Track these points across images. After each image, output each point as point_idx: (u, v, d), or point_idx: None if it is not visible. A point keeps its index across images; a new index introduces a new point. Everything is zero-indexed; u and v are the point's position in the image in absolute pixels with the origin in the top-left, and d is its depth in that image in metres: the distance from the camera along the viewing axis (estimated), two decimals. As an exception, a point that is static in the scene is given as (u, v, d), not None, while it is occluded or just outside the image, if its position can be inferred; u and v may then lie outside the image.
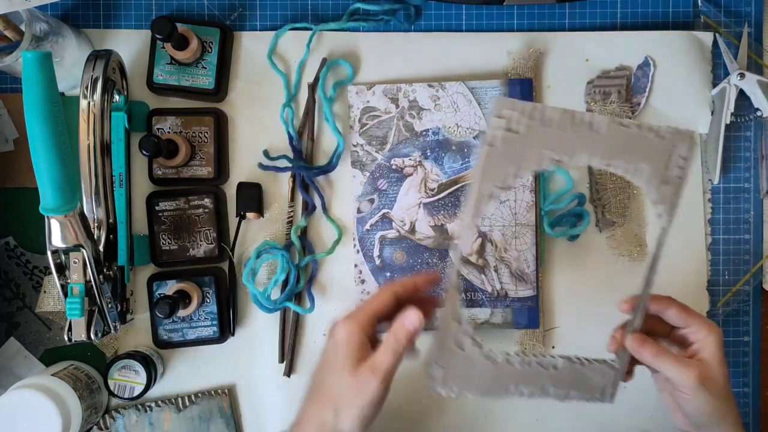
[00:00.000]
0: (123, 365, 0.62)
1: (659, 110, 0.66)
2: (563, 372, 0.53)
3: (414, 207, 0.64)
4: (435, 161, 0.64)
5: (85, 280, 0.55)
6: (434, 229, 0.64)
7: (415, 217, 0.64)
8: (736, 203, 0.67)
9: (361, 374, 0.49)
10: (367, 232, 0.65)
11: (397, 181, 0.64)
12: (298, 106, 0.66)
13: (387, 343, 0.50)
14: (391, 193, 0.64)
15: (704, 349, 0.52)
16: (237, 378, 0.66)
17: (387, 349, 0.49)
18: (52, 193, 0.50)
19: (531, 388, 0.53)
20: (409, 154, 0.64)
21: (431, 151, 0.64)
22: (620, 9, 0.67)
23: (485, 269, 0.64)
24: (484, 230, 0.64)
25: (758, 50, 0.67)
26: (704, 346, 0.52)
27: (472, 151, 0.64)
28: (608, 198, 0.66)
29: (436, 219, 0.64)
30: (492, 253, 0.64)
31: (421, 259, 0.64)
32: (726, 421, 0.52)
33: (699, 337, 0.52)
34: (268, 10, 0.67)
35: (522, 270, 0.64)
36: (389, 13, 0.66)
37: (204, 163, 0.64)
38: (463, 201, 0.64)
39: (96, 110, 0.57)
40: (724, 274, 0.67)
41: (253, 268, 0.64)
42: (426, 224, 0.64)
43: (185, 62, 0.63)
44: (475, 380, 0.52)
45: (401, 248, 0.64)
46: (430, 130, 0.64)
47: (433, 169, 0.64)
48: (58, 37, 0.59)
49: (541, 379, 0.53)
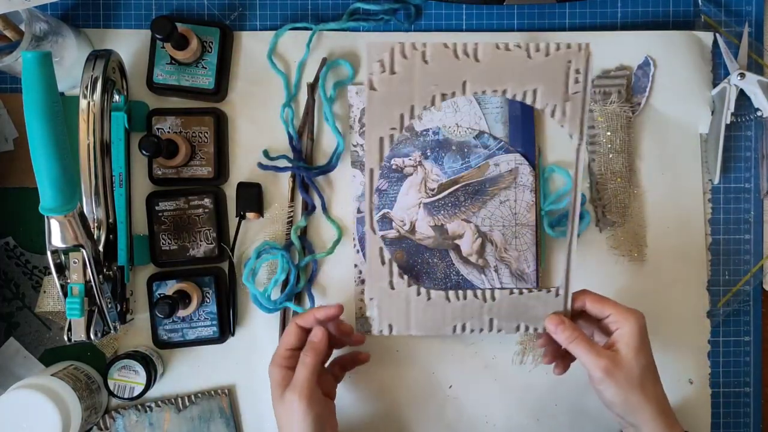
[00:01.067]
0: (123, 365, 0.62)
1: (659, 110, 0.66)
2: (503, 304, 0.53)
3: (414, 207, 0.64)
4: (435, 161, 0.64)
5: (85, 280, 0.55)
6: (434, 229, 0.64)
7: (415, 217, 0.64)
8: (736, 203, 0.67)
9: (285, 397, 0.54)
10: (367, 232, 0.64)
11: (397, 181, 0.64)
12: (298, 106, 0.66)
13: (299, 361, 0.55)
14: (391, 193, 0.64)
15: (620, 338, 0.52)
16: (237, 378, 0.66)
17: (299, 366, 0.55)
18: (52, 193, 0.50)
19: (474, 323, 0.53)
20: (409, 154, 0.64)
21: (431, 151, 0.64)
22: (620, 9, 0.67)
23: (485, 269, 0.64)
24: (484, 230, 0.64)
25: (758, 50, 0.67)
26: (620, 335, 0.52)
27: (473, 152, 0.64)
28: (608, 198, 0.66)
29: (436, 219, 0.64)
30: (492, 252, 0.64)
31: (421, 258, 0.64)
32: (640, 412, 0.52)
33: (617, 327, 0.53)
34: (268, 10, 0.67)
35: (522, 270, 0.64)
36: (389, 13, 0.66)
37: (204, 163, 0.64)
38: (463, 201, 0.64)
39: (96, 110, 0.57)
40: (724, 274, 0.67)
41: (253, 268, 0.64)
42: (426, 224, 0.64)
43: (185, 62, 0.63)
44: (413, 319, 0.53)
45: (401, 248, 0.64)
46: (430, 130, 0.64)
47: (433, 169, 0.64)
48: (58, 37, 0.59)
49: (482, 313, 0.53)
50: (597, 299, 0.55)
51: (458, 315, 0.53)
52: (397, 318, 0.53)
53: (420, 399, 0.66)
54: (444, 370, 0.66)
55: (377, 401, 0.66)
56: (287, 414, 0.54)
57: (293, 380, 0.55)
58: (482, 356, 0.66)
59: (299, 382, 0.54)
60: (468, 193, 0.64)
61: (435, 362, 0.66)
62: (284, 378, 0.55)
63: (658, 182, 0.66)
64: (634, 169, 0.66)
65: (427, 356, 0.66)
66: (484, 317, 0.53)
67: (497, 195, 0.64)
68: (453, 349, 0.66)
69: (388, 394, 0.66)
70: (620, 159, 0.66)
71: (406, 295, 0.53)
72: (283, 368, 0.56)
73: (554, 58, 0.49)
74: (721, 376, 0.67)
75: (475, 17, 0.67)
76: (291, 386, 0.54)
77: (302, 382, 0.54)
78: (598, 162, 0.66)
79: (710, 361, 0.67)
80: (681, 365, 0.66)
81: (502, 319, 0.54)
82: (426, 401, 0.66)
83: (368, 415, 0.66)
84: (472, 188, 0.64)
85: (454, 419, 0.66)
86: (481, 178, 0.64)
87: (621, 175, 0.66)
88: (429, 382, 0.66)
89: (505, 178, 0.64)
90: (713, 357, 0.67)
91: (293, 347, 0.57)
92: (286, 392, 0.54)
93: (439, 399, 0.66)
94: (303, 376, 0.54)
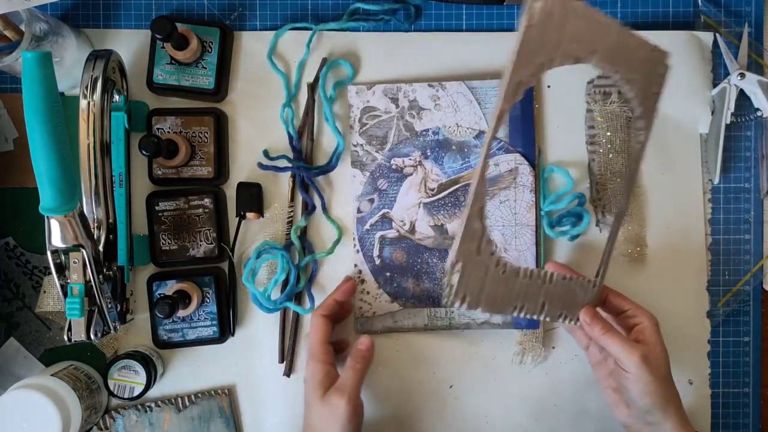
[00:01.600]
0: (123, 365, 0.62)
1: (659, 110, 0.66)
2: (556, 286, 0.54)
3: (414, 207, 0.64)
4: (435, 161, 0.64)
5: (85, 280, 0.55)
6: (434, 229, 0.64)
7: (414, 217, 0.64)
8: (736, 203, 0.67)
9: (330, 399, 0.54)
10: (367, 232, 0.64)
11: (397, 181, 0.64)
12: (298, 106, 0.66)
13: (348, 366, 0.56)
14: (391, 193, 0.64)
15: (645, 330, 0.54)
16: (237, 378, 0.66)
17: (347, 370, 0.56)
18: (52, 193, 0.50)
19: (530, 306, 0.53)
20: (409, 154, 0.64)
21: (431, 151, 0.64)
22: (620, 9, 0.67)
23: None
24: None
25: (758, 50, 0.67)
26: (645, 327, 0.54)
27: (473, 152, 0.64)
28: (608, 198, 0.66)
29: (435, 219, 0.64)
30: (492, 253, 0.64)
31: (421, 258, 0.64)
32: (670, 404, 0.53)
33: (639, 321, 0.55)
34: (268, 10, 0.67)
35: (522, 270, 0.64)
36: (389, 13, 0.66)
37: (204, 163, 0.64)
38: (463, 201, 0.64)
39: (96, 110, 0.57)
40: (724, 274, 0.67)
41: (253, 268, 0.64)
42: (426, 224, 0.64)
43: (185, 62, 0.63)
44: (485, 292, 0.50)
45: (401, 248, 0.64)
46: (430, 130, 0.64)
47: (433, 169, 0.64)
48: (58, 37, 0.59)
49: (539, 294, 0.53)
50: (617, 294, 0.57)
51: (522, 294, 0.52)
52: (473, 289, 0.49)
53: (420, 399, 0.66)
54: (444, 370, 0.66)
55: (377, 401, 0.66)
56: (329, 416, 0.54)
57: (341, 383, 0.55)
58: (482, 356, 0.66)
59: (349, 387, 0.54)
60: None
61: (435, 362, 0.66)
62: (327, 376, 0.56)
63: (658, 182, 0.66)
64: (634, 169, 0.66)
65: (427, 356, 0.66)
66: (539, 299, 0.53)
67: (497, 195, 0.64)
68: (453, 349, 0.66)
69: (388, 393, 0.66)
70: (620, 159, 0.66)
71: (486, 264, 0.49)
72: (326, 364, 0.56)
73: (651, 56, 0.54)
74: (721, 376, 0.67)
75: (475, 17, 0.67)
76: (338, 389, 0.54)
77: (352, 388, 0.54)
78: (598, 162, 0.66)
79: (710, 361, 0.67)
80: (681, 365, 0.66)
81: (552, 303, 0.54)
82: (426, 401, 0.66)
83: (368, 415, 0.66)
84: (472, 188, 0.64)
85: (454, 419, 0.66)
86: (481, 178, 0.64)
87: (621, 175, 0.66)
88: (429, 382, 0.66)
89: (505, 178, 0.64)
90: (713, 357, 0.67)
91: (327, 340, 0.58)
92: (332, 394, 0.54)
93: (439, 399, 0.66)
94: (353, 382, 0.55)
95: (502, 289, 0.51)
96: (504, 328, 0.64)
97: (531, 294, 0.52)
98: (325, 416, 0.54)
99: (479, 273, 0.50)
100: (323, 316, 0.59)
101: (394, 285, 0.63)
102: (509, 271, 0.51)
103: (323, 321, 0.58)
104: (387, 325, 0.63)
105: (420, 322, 0.64)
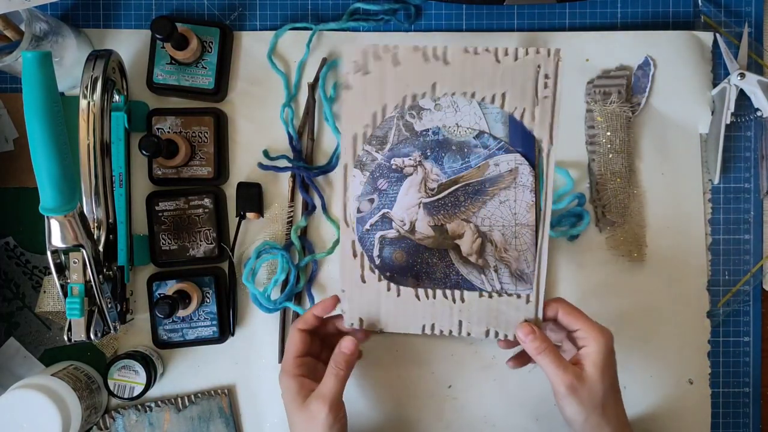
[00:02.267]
0: (123, 365, 0.62)
1: (659, 110, 0.66)
2: (472, 306, 0.53)
3: (414, 207, 0.64)
4: (435, 161, 0.64)
5: (85, 280, 0.55)
6: (434, 229, 0.64)
7: (415, 217, 0.64)
8: (736, 203, 0.67)
9: (309, 406, 0.53)
10: (366, 232, 0.64)
11: (397, 181, 0.64)
12: (298, 106, 0.66)
13: (328, 371, 0.54)
14: (391, 193, 0.64)
15: (587, 356, 0.52)
16: (237, 378, 0.66)
17: (329, 376, 0.53)
18: (52, 193, 0.50)
19: (443, 324, 0.54)
20: (409, 154, 0.64)
21: (431, 151, 0.64)
22: (620, 9, 0.67)
23: (485, 269, 0.64)
24: (484, 230, 0.64)
25: (758, 50, 0.67)
26: (587, 353, 0.52)
27: (473, 152, 0.64)
28: (608, 198, 0.66)
29: (435, 219, 0.64)
30: (492, 253, 0.64)
31: (421, 258, 0.64)
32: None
33: (585, 344, 0.52)
34: (268, 10, 0.67)
35: (522, 270, 0.64)
36: (389, 13, 0.66)
37: (204, 163, 0.64)
38: (463, 201, 0.64)
39: (96, 110, 0.57)
40: (724, 274, 0.67)
41: (252, 268, 0.64)
42: (426, 224, 0.64)
43: (185, 62, 0.63)
44: (383, 314, 0.54)
45: (401, 248, 0.64)
46: (430, 130, 0.64)
47: (433, 169, 0.64)
48: (58, 36, 0.59)
49: (452, 314, 0.53)
50: (570, 311, 0.54)
51: (428, 314, 0.54)
52: (368, 311, 0.55)
53: (419, 399, 0.66)
54: (443, 370, 0.66)
55: (376, 401, 0.66)
56: (309, 422, 0.52)
57: (321, 390, 0.53)
58: (482, 356, 0.66)
59: (329, 393, 0.52)
60: (468, 193, 0.64)
61: (434, 362, 0.66)
62: (302, 386, 0.54)
63: (658, 182, 0.66)
64: (634, 169, 0.66)
65: (426, 356, 0.66)
66: (453, 318, 0.54)
67: (497, 195, 0.64)
68: (453, 349, 0.66)
69: (387, 393, 0.66)
70: (620, 159, 0.66)
71: (377, 290, 0.54)
72: (297, 377, 0.54)
73: (523, 63, 0.51)
74: (721, 376, 0.67)
75: (475, 17, 0.67)
76: (319, 395, 0.52)
77: (332, 394, 0.52)
78: (598, 162, 0.66)
79: (710, 361, 0.67)
80: (681, 365, 0.66)
81: (472, 322, 0.54)
82: (425, 401, 0.66)
83: (367, 415, 0.66)
84: (472, 188, 0.64)
85: (453, 419, 0.66)
86: (481, 178, 0.64)
87: (621, 175, 0.66)
88: (428, 382, 0.66)
89: (505, 178, 0.64)
90: (713, 357, 0.67)
91: (301, 354, 0.56)
92: (311, 401, 0.53)
93: (438, 399, 0.66)
94: (334, 388, 0.53)
95: (405, 310, 0.54)
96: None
97: (441, 313, 0.54)
98: (304, 423, 0.53)
99: (370, 297, 0.54)
100: (300, 330, 0.56)
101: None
102: (405, 294, 0.54)
103: (298, 335, 0.56)
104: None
105: None
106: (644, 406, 0.66)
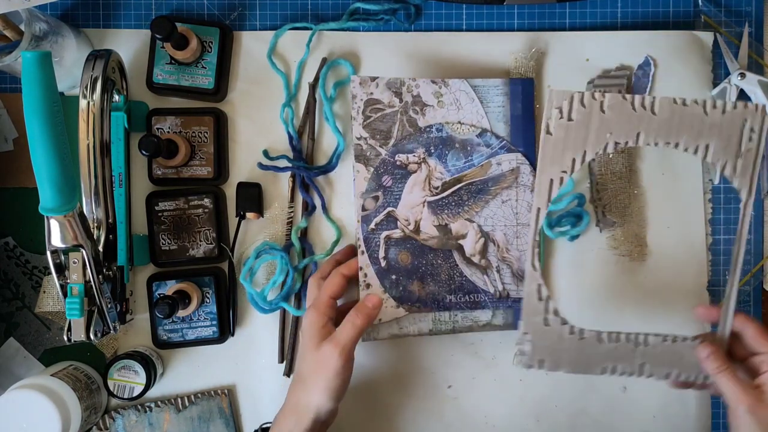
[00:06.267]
0: (122, 365, 0.62)
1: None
2: (655, 349, 0.53)
3: (418, 205, 0.64)
4: (439, 158, 0.64)
5: (85, 280, 0.55)
6: (438, 228, 0.64)
7: (419, 216, 0.64)
8: (736, 203, 0.67)
9: (323, 349, 0.54)
10: (372, 231, 0.63)
11: (401, 178, 0.63)
12: (298, 106, 0.66)
13: (347, 319, 0.56)
14: (395, 191, 0.63)
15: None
16: (237, 378, 0.66)
17: (346, 323, 0.55)
18: (52, 193, 0.50)
19: (625, 366, 0.54)
20: (414, 150, 0.64)
21: (435, 148, 0.64)
22: (620, 9, 0.67)
23: (488, 270, 0.64)
24: (486, 230, 0.64)
25: (759, 50, 0.67)
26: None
27: (476, 150, 0.64)
28: (608, 198, 0.66)
29: (440, 218, 0.64)
30: (494, 253, 0.64)
31: (426, 260, 0.63)
32: None
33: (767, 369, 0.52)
34: (268, 10, 0.67)
35: (523, 270, 0.64)
36: (389, 13, 0.66)
37: (204, 163, 0.64)
38: (466, 200, 0.64)
39: (96, 110, 0.57)
40: (724, 274, 0.67)
41: (251, 267, 0.64)
42: (430, 223, 0.64)
43: (185, 62, 0.63)
44: (564, 356, 0.54)
45: (406, 249, 0.63)
46: (433, 127, 0.64)
47: (437, 167, 0.64)
48: (57, 36, 0.59)
49: (633, 357, 0.53)
50: (761, 334, 0.54)
51: (610, 356, 0.54)
52: (550, 354, 0.54)
53: (419, 399, 0.66)
54: (443, 370, 0.66)
55: (376, 401, 0.66)
56: (319, 364, 0.54)
57: (336, 335, 0.55)
58: (482, 356, 0.66)
59: (344, 340, 0.54)
60: (471, 192, 0.64)
61: (434, 362, 0.66)
62: (324, 328, 0.55)
63: (658, 182, 0.66)
64: (635, 169, 0.66)
65: (426, 356, 0.66)
66: (635, 361, 0.54)
67: (499, 194, 0.64)
68: (452, 349, 0.66)
69: (387, 393, 0.66)
70: (620, 159, 0.66)
71: (559, 333, 0.54)
72: (325, 316, 0.56)
73: (731, 116, 0.52)
74: (722, 376, 0.67)
75: (475, 17, 0.67)
76: (333, 340, 0.54)
77: (347, 341, 0.54)
78: (598, 162, 0.66)
79: (710, 361, 0.67)
80: (681, 365, 0.66)
81: (654, 364, 0.54)
82: (425, 401, 0.66)
83: (367, 415, 0.66)
84: (475, 187, 0.64)
85: (453, 419, 0.66)
86: (484, 177, 0.64)
87: (621, 175, 0.66)
88: (428, 382, 0.66)
89: (507, 177, 0.64)
90: (713, 357, 0.67)
91: (336, 297, 0.58)
92: (325, 344, 0.54)
93: (438, 399, 0.66)
94: (350, 336, 0.54)
95: (586, 352, 0.54)
96: (505, 329, 0.64)
97: (622, 356, 0.54)
98: (314, 365, 0.54)
99: (551, 340, 0.54)
100: (343, 276, 0.58)
101: (399, 288, 0.62)
102: (588, 337, 0.53)
103: (340, 278, 0.58)
104: (392, 332, 0.62)
105: (425, 328, 0.63)
106: (644, 407, 0.66)
